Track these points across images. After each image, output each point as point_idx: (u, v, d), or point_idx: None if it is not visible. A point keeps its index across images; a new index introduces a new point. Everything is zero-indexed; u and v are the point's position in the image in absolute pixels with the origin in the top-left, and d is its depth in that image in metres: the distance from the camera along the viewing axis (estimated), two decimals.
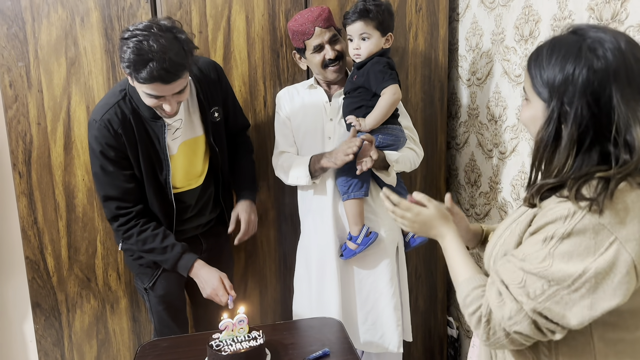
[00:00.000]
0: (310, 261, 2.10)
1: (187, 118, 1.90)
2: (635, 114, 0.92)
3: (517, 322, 0.95)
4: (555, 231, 0.93)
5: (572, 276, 0.91)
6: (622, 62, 0.93)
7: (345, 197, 1.98)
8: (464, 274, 1.10)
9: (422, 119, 2.44)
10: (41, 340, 2.34)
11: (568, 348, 0.99)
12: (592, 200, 0.91)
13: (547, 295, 0.93)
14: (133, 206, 1.86)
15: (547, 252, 0.93)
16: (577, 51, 0.95)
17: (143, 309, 2.38)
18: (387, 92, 1.86)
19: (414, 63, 2.39)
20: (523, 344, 0.99)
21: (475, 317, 1.02)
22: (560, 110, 0.96)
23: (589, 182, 0.93)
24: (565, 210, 0.93)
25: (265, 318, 2.49)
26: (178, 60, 1.60)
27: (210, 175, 2.03)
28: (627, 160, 0.92)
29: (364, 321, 2.10)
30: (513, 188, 2.01)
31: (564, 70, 0.95)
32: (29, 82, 2.15)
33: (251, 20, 2.24)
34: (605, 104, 0.93)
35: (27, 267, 2.26)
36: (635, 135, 0.92)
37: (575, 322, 0.93)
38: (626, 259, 0.90)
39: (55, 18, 2.12)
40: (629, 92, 0.93)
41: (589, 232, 0.91)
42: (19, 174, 2.20)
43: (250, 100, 2.30)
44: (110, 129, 1.76)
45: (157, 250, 1.87)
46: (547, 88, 0.98)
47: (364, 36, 1.89)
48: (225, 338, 1.61)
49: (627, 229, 0.90)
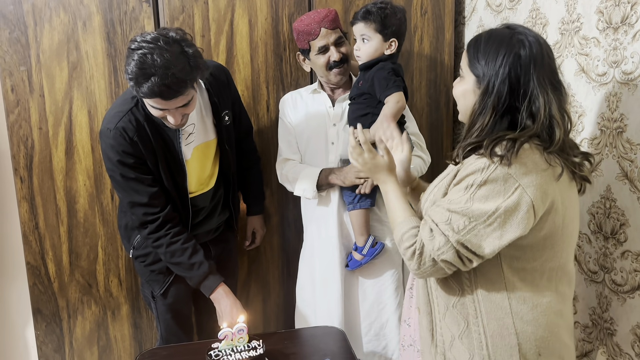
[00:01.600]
0: (314, 270, 2.07)
1: (200, 122, 1.88)
2: (544, 92, 1.19)
3: (444, 252, 1.20)
4: (474, 180, 1.19)
5: (487, 213, 1.17)
6: (540, 53, 1.21)
7: (351, 208, 1.95)
8: (402, 216, 1.33)
9: (427, 123, 2.40)
10: (42, 346, 2.32)
11: (485, 279, 1.26)
12: (502, 157, 1.16)
13: (468, 229, 1.18)
14: (160, 211, 1.81)
15: (468, 197, 1.19)
16: (508, 40, 1.21)
17: (145, 316, 2.35)
18: (390, 100, 1.81)
19: (419, 67, 2.36)
20: (446, 272, 1.24)
21: (410, 251, 1.26)
22: (488, 84, 1.21)
23: (500, 142, 1.19)
24: (482, 164, 1.19)
25: (268, 325, 2.46)
26: (181, 77, 1.56)
27: (221, 178, 2.01)
28: (529, 125, 1.20)
29: (367, 331, 2.06)
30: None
31: (497, 53, 1.21)
32: (31, 87, 2.13)
33: (254, 24, 2.21)
34: (524, 82, 1.20)
35: (28, 272, 2.25)
36: (539, 106, 1.19)
37: (488, 250, 1.19)
38: (527, 200, 1.17)
39: (57, 22, 2.11)
40: (543, 75, 1.20)
41: (500, 180, 1.17)
42: (21, 179, 2.18)
43: (253, 104, 2.27)
44: (126, 137, 1.73)
45: (184, 266, 1.84)
46: (481, 67, 1.23)
47: (364, 38, 1.85)
48: (225, 348, 1.59)
49: (528, 177, 1.17)
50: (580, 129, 1.67)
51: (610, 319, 1.59)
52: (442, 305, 1.33)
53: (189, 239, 1.85)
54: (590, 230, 1.64)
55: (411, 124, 2.04)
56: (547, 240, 1.23)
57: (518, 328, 1.25)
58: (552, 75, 1.23)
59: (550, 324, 1.26)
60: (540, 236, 1.22)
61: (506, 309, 1.25)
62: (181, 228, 1.85)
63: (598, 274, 1.62)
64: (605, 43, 1.54)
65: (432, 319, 1.37)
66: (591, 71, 1.60)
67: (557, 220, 1.23)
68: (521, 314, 1.25)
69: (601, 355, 1.64)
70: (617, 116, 1.51)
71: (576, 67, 1.66)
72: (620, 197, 1.52)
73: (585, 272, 1.67)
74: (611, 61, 1.52)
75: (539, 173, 1.18)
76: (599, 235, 1.60)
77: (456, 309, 1.30)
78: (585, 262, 1.67)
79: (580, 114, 1.66)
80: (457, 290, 1.30)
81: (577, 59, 1.66)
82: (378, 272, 2.02)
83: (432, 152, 2.39)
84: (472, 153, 1.24)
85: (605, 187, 1.57)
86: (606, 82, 1.54)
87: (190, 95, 1.65)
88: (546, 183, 1.18)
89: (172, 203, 1.85)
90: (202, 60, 1.65)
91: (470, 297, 1.28)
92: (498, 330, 1.25)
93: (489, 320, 1.26)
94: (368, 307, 2.04)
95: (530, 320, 1.25)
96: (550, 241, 1.24)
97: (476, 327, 1.27)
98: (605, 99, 1.56)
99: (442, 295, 1.33)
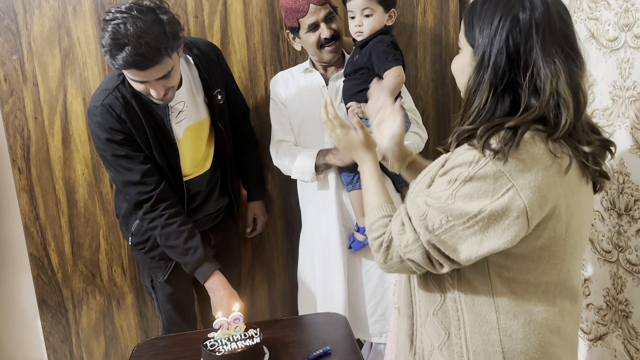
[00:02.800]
0: (314, 254, 2.01)
1: (191, 100, 1.81)
2: (551, 65, 0.99)
3: (411, 251, 1.05)
4: (460, 174, 1.01)
5: (468, 214, 0.99)
6: (547, 15, 1.00)
7: (350, 188, 1.88)
8: (375, 201, 1.20)
9: (433, 100, 2.30)
10: (49, 337, 2.31)
11: (470, 287, 1.09)
12: (497, 151, 0.98)
13: (444, 229, 1.02)
14: (154, 189, 1.74)
15: (450, 192, 1.01)
16: (506, 2, 1.02)
17: (150, 305, 2.33)
18: (389, 74, 1.72)
19: (423, 41, 2.25)
20: (414, 271, 1.10)
21: (377, 242, 1.12)
22: (484, 56, 1.02)
23: (497, 133, 1.00)
24: (471, 156, 1.01)
25: (275, 311, 2.42)
26: (155, 45, 1.50)
27: (217, 160, 1.95)
28: (533, 104, 0.99)
29: (373, 312, 2.01)
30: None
31: (492, 18, 1.02)
32: (24, 76, 2.10)
33: (248, 2, 2.13)
34: (524, 51, 1.00)
35: (32, 263, 2.24)
36: (544, 80, 0.98)
37: (464, 256, 1.02)
38: (519, 205, 0.97)
39: (47, 8, 2.06)
40: (549, 43, 1.00)
41: (490, 178, 0.99)
42: (19, 170, 2.16)
43: (251, 86, 2.20)
44: (113, 114, 1.67)
45: (179, 250, 1.77)
46: (476, 35, 1.04)
47: (367, 12, 1.75)
48: (221, 337, 1.54)
49: (524, 177, 0.98)
50: (590, 100, 1.56)
51: (625, 301, 1.50)
52: (424, 310, 1.17)
53: (185, 221, 1.78)
54: (602, 207, 1.54)
55: (407, 99, 1.95)
56: (544, 251, 1.05)
57: (505, 346, 1.07)
58: (564, 41, 1.01)
59: (544, 343, 1.08)
60: (536, 246, 1.04)
61: (493, 323, 1.08)
62: (178, 209, 1.78)
63: (612, 253, 1.53)
64: (615, 5, 1.42)
65: (413, 323, 1.22)
66: (601, 36, 1.49)
67: (559, 229, 1.03)
68: (510, 330, 1.07)
69: (616, 338, 1.55)
70: (630, 84, 1.40)
71: (586, 33, 1.55)
72: (634, 171, 1.42)
73: (599, 251, 1.57)
74: (622, 24, 1.41)
75: (540, 172, 0.98)
76: (612, 212, 1.51)
77: (437, 317, 1.14)
78: (598, 241, 1.57)
79: (591, 83, 1.55)
80: (438, 294, 1.14)
81: (586, 24, 1.54)
82: None
83: (439, 129, 2.31)
84: (468, 140, 1.05)
85: (618, 160, 1.47)
86: (617, 47, 1.43)
87: (169, 65, 1.58)
88: (547, 185, 0.99)
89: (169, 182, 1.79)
90: (179, 27, 1.59)
91: (452, 305, 1.11)
92: (482, 347, 1.08)
93: (473, 334, 1.09)
94: (373, 288, 1.99)
95: (520, 339, 1.07)
96: (547, 252, 1.05)
97: (458, 339, 1.11)
98: (617, 66, 1.45)
99: (424, 299, 1.17)
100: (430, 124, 2.29)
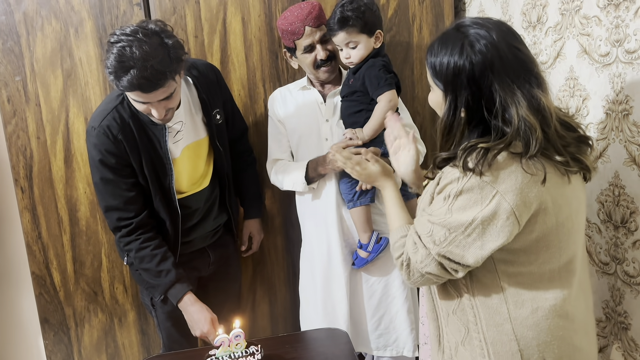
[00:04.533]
0: (315, 269, 2.02)
1: (190, 120, 1.84)
2: (512, 96, 1.10)
3: (427, 265, 1.19)
4: (451, 190, 1.15)
5: (464, 224, 1.13)
6: (497, 54, 1.11)
7: (351, 205, 1.89)
8: (396, 223, 1.34)
9: (430, 115, 2.32)
10: (51, 355, 2.32)
11: (481, 284, 1.21)
12: (473, 169, 1.10)
13: (448, 241, 1.15)
14: (134, 217, 1.79)
15: (447, 208, 1.15)
16: (459, 48, 1.13)
17: (151, 322, 2.34)
18: (382, 99, 1.76)
19: (419, 57, 2.28)
20: (436, 282, 1.24)
21: (399, 262, 1.26)
22: (452, 97, 1.15)
23: (472, 152, 1.12)
24: (457, 173, 1.14)
25: (276, 327, 2.42)
26: (160, 69, 1.53)
27: (215, 178, 1.97)
28: (506, 132, 1.11)
29: (377, 327, 2.01)
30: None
31: (450, 64, 1.14)
32: (27, 96, 2.13)
33: (247, 22, 2.17)
34: (487, 88, 1.12)
35: (34, 282, 2.25)
36: (512, 114, 1.10)
37: (472, 260, 1.14)
38: (505, 208, 1.10)
39: (49, 30, 2.09)
40: (505, 78, 1.11)
41: (476, 189, 1.12)
42: (21, 189, 2.18)
43: (250, 104, 2.23)
44: (109, 135, 1.70)
45: (151, 272, 1.81)
46: (441, 80, 1.17)
47: (352, 45, 1.78)
48: (222, 354, 1.55)
49: (505, 183, 1.10)
50: (585, 113, 1.58)
51: (624, 313, 1.50)
52: (445, 311, 1.30)
53: (159, 245, 1.81)
54: (599, 220, 1.56)
55: (404, 115, 1.97)
56: (541, 243, 1.16)
57: (518, 334, 1.18)
58: (520, 67, 1.12)
59: (553, 327, 1.18)
60: (532, 239, 1.15)
61: (504, 314, 1.19)
62: (154, 234, 1.82)
63: (609, 265, 1.54)
64: (606, 21, 1.45)
65: (438, 324, 1.34)
66: (593, 52, 1.51)
67: (549, 221, 1.15)
68: (520, 318, 1.18)
69: (616, 350, 1.55)
70: (622, 98, 1.43)
71: (578, 49, 1.57)
72: (629, 183, 1.44)
73: (597, 263, 1.58)
74: (614, 40, 1.43)
75: (519, 177, 1.10)
76: (609, 225, 1.52)
77: (456, 315, 1.26)
78: (596, 253, 1.58)
79: (585, 97, 1.57)
80: (455, 295, 1.26)
81: (578, 40, 1.57)
82: (383, 266, 1.97)
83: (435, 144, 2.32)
84: (448, 163, 1.19)
85: (613, 173, 1.49)
86: (609, 62, 1.46)
87: (172, 87, 1.62)
88: (528, 187, 1.11)
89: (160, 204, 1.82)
90: (183, 51, 1.62)
91: (468, 303, 1.23)
92: (498, 337, 1.20)
93: (489, 327, 1.20)
94: (376, 302, 1.99)
95: (530, 325, 1.18)
96: (544, 243, 1.16)
97: (476, 333, 1.22)
98: (609, 81, 1.47)
99: (443, 301, 1.29)
100: (427, 138, 2.30)
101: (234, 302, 2.16)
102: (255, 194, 2.18)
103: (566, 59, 1.63)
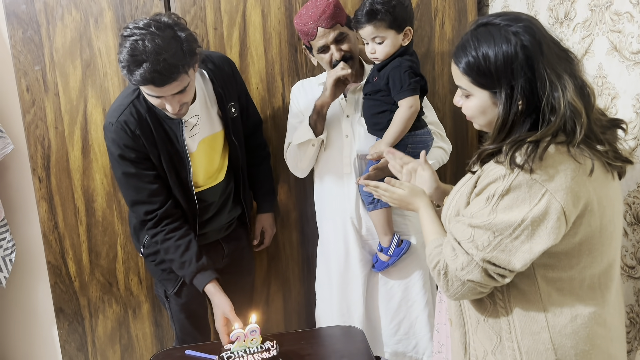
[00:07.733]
0: (331, 268, 1.99)
1: (206, 114, 1.83)
2: (559, 79, 1.07)
3: (469, 272, 1.11)
4: (496, 189, 1.08)
5: (512, 225, 1.06)
6: (541, 35, 1.09)
7: (371, 208, 1.86)
8: (431, 236, 1.27)
9: (450, 111, 2.29)
10: (65, 345, 2.33)
11: (518, 291, 1.15)
12: (522, 165, 1.05)
13: (493, 245, 1.09)
14: (159, 208, 1.79)
15: (490, 209, 1.08)
16: (503, 37, 1.08)
17: (165, 314, 2.33)
18: (403, 104, 1.70)
19: (440, 52, 2.25)
20: (480, 291, 1.14)
21: (435, 271, 1.18)
22: (508, 89, 1.08)
23: (521, 147, 1.07)
24: (502, 170, 1.08)
25: (290, 323, 2.40)
26: (173, 62, 1.51)
27: (230, 172, 1.96)
28: (551, 121, 1.07)
29: (396, 331, 1.97)
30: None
31: (498, 55, 1.08)
32: (46, 86, 2.13)
33: (267, 15, 2.15)
34: (538, 71, 1.07)
35: (49, 272, 2.25)
36: (559, 98, 1.06)
37: (519, 265, 1.08)
38: (556, 207, 1.05)
39: (69, 20, 2.09)
40: (552, 60, 1.08)
41: (524, 187, 1.06)
42: (39, 179, 2.18)
43: (268, 97, 2.21)
44: (127, 131, 1.70)
45: (176, 263, 1.81)
46: (489, 76, 1.10)
47: (378, 40, 1.71)
48: (237, 349, 1.53)
49: (555, 181, 1.05)
50: (614, 112, 1.54)
51: None
52: (474, 318, 1.24)
53: (184, 235, 1.80)
54: (626, 222, 1.52)
55: (429, 113, 1.94)
56: (583, 246, 1.11)
57: (556, 343, 1.13)
58: (556, 47, 1.11)
59: (592, 335, 1.13)
60: (575, 242, 1.10)
61: (542, 322, 1.13)
62: (179, 224, 1.81)
63: (636, 268, 1.50)
64: (639, 17, 1.40)
65: (465, 331, 1.28)
66: (624, 49, 1.47)
67: (594, 223, 1.10)
68: (559, 327, 1.13)
69: None
70: None
71: (608, 46, 1.53)
72: None
73: (622, 267, 1.54)
74: None
75: (568, 174, 1.06)
76: (636, 227, 1.48)
77: (488, 323, 1.20)
78: (621, 257, 1.54)
79: (614, 96, 1.53)
80: (488, 303, 1.20)
81: (608, 37, 1.53)
82: (403, 269, 1.93)
83: (457, 140, 2.29)
84: (492, 158, 1.13)
85: None
86: None
87: (186, 81, 1.59)
88: (577, 184, 1.06)
89: (175, 199, 1.81)
90: (197, 44, 1.60)
91: (503, 310, 1.17)
92: (534, 346, 1.14)
93: (524, 336, 1.15)
94: (395, 305, 1.95)
95: (569, 334, 1.13)
96: (587, 246, 1.11)
97: (510, 342, 1.17)
98: None
99: (473, 307, 1.23)
100: (448, 135, 2.26)
101: (247, 296, 2.15)
102: (268, 188, 2.15)
103: (595, 56, 1.59)
